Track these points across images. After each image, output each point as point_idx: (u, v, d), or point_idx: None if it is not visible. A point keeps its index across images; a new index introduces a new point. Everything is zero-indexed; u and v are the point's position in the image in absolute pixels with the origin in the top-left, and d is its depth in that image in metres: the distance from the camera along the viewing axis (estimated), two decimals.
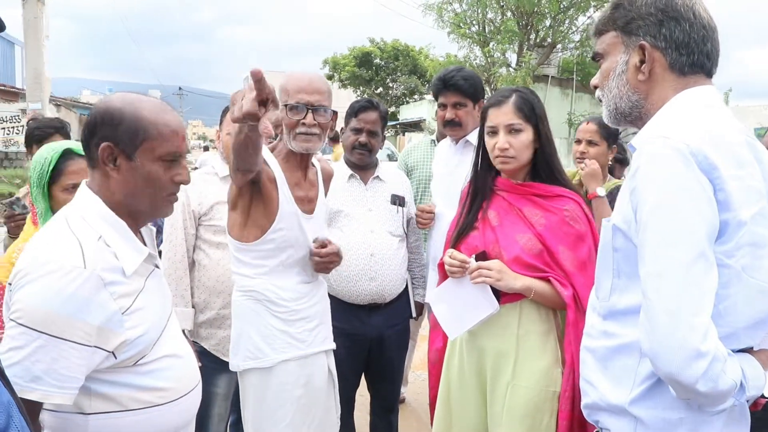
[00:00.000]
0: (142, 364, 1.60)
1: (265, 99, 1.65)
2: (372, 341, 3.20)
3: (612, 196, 3.11)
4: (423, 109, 29.64)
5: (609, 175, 3.47)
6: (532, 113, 2.34)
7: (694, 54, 1.50)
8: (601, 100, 1.66)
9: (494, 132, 2.36)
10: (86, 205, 1.63)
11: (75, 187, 2.16)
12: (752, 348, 1.44)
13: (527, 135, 2.33)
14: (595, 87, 1.68)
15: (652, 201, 1.33)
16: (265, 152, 2.34)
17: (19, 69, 36.59)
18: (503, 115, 2.34)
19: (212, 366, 2.89)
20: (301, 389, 2.34)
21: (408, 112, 32.55)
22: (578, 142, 3.39)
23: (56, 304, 1.44)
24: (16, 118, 20.26)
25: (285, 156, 2.40)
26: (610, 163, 3.42)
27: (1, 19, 1.11)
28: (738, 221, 1.33)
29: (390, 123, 34.18)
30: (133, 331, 1.56)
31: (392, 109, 38.33)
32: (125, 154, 1.60)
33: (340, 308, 3.09)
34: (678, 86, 1.52)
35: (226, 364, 2.91)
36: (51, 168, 2.27)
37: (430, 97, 29.73)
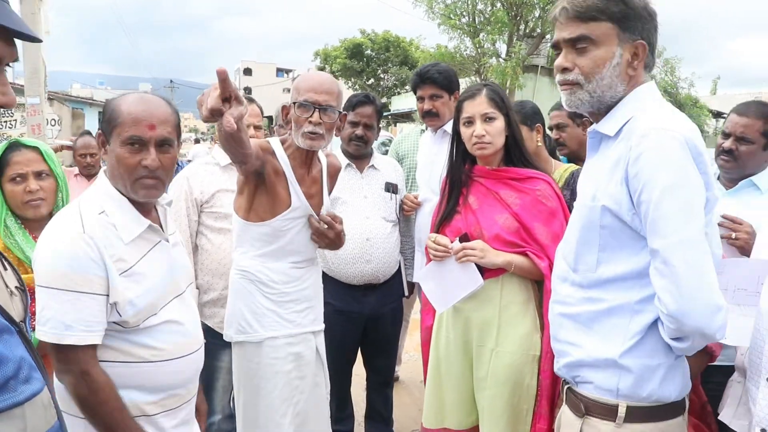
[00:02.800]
0: (146, 327, 1.84)
1: (228, 96, 1.81)
2: (368, 319, 3.42)
3: (573, 179, 2.95)
4: (414, 99, 29.58)
5: (550, 157, 3.20)
6: (503, 103, 2.57)
7: (654, 55, 1.72)
8: (576, 84, 1.72)
9: (470, 122, 2.56)
10: (98, 185, 1.91)
11: (21, 177, 2.39)
12: None
13: (500, 122, 2.54)
14: (566, 69, 1.73)
15: (663, 183, 1.53)
16: (277, 145, 2.50)
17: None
18: (478, 105, 2.55)
19: (216, 342, 3.05)
20: (290, 364, 2.53)
21: (399, 103, 32.63)
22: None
23: (67, 263, 1.72)
24: (10, 112, 20.22)
25: (293, 152, 2.54)
26: (539, 143, 3.11)
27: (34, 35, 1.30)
28: (714, 198, 1.59)
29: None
30: (131, 292, 1.79)
31: (384, 100, 38.33)
32: (107, 140, 1.87)
33: (338, 288, 3.33)
34: (641, 82, 1.71)
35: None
36: None
37: None
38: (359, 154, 3.45)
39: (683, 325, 1.52)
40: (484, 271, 2.50)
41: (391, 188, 3.45)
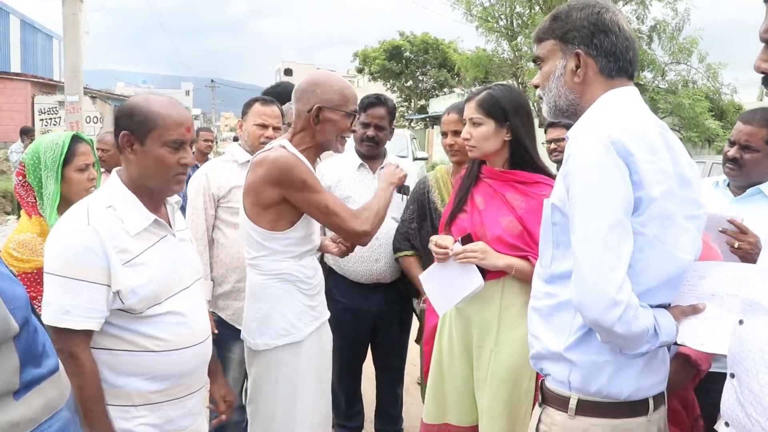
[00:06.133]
0: (149, 315, 1.94)
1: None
2: (375, 317, 3.48)
3: None
4: (452, 102, 29.60)
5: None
6: (495, 109, 2.56)
7: (619, 61, 1.77)
8: (540, 98, 1.91)
9: (464, 124, 2.70)
10: (109, 185, 2.04)
11: (86, 167, 2.60)
12: (669, 305, 1.72)
13: (487, 128, 2.57)
14: (536, 86, 1.93)
15: (580, 182, 1.61)
16: (294, 150, 2.47)
17: (57, 62, 37.46)
18: (468, 109, 2.63)
19: (228, 334, 3.17)
20: (320, 357, 2.59)
21: (437, 105, 32.58)
22: (444, 135, 3.32)
23: (69, 253, 1.85)
24: (54, 110, 20.82)
25: (305, 152, 2.52)
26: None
27: None
28: (650, 197, 1.60)
29: (419, 116, 34.29)
30: (133, 281, 1.89)
31: (422, 102, 38.38)
32: (139, 141, 1.96)
33: (347, 286, 3.41)
34: (606, 87, 1.78)
35: (241, 332, 3.19)
36: (65, 150, 2.54)
37: (459, 90, 29.73)
38: (371, 155, 3.50)
39: (584, 317, 1.60)
40: (486, 272, 2.53)
41: (402, 189, 3.49)
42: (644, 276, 1.62)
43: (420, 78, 39.87)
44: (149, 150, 1.97)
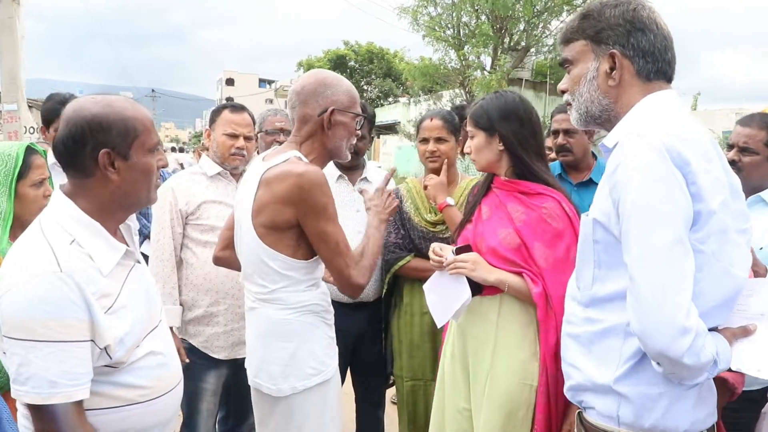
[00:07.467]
0: (130, 362, 1.64)
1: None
2: (356, 337, 3.28)
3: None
4: (398, 111, 29.66)
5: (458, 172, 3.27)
6: (482, 119, 2.48)
7: (657, 62, 1.64)
8: (569, 104, 1.77)
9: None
10: (60, 210, 1.65)
11: (42, 182, 2.28)
12: (717, 327, 1.58)
13: (478, 139, 2.50)
14: (563, 91, 1.79)
15: (634, 194, 1.45)
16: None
17: None
18: (467, 123, 2.57)
19: (200, 363, 2.93)
20: (339, 390, 2.37)
21: (383, 115, 32.55)
22: (425, 141, 3.15)
23: (44, 310, 1.47)
24: None
25: (314, 162, 2.25)
26: (460, 157, 3.24)
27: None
28: (709, 210, 1.46)
29: None
30: (119, 329, 1.59)
31: None
32: (122, 156, 1.64)
33: None
34: (644, 91, 1.64)
35: (215, 360, 2.95)
36: (20, 163, 2.22)
37: (404, 99, 29.80)
38: (351, 166, 3.31)
39: (646, 347, 1.44)
40: (484, 287, 2.38)
41: None
42: (704, 297, 1.47)
43: (365, 88, 39.90)
44: (135, 163, 1.66)
